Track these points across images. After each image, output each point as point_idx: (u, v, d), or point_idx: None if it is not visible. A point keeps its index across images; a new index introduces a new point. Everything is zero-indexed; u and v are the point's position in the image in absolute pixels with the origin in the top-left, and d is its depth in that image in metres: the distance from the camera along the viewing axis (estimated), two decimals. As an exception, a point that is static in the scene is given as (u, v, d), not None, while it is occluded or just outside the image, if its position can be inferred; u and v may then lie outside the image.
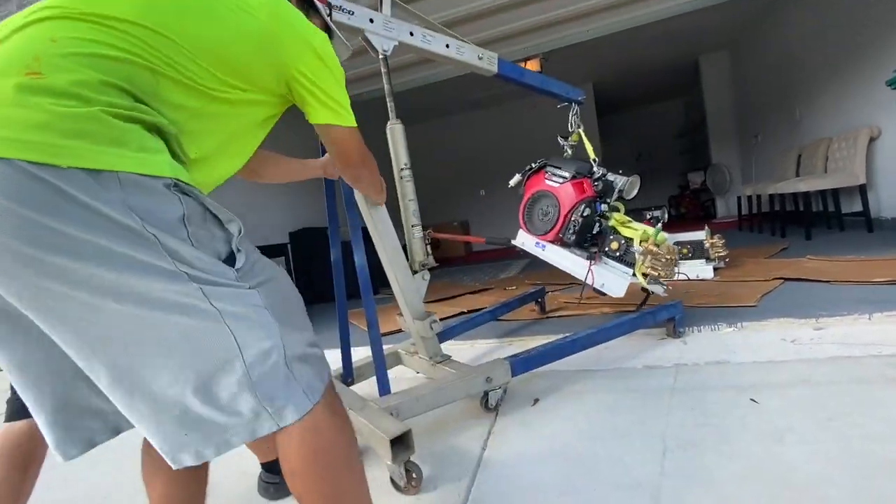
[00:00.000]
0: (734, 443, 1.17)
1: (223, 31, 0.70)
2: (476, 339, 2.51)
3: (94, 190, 0.54)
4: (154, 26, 0.64)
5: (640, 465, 1.16)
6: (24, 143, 0.52)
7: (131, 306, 0.56)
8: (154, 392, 0.58)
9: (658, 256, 1.81)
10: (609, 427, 1.37)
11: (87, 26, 0.61)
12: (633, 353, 1.94)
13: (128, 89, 0.61)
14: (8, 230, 0.51)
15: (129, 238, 0.56)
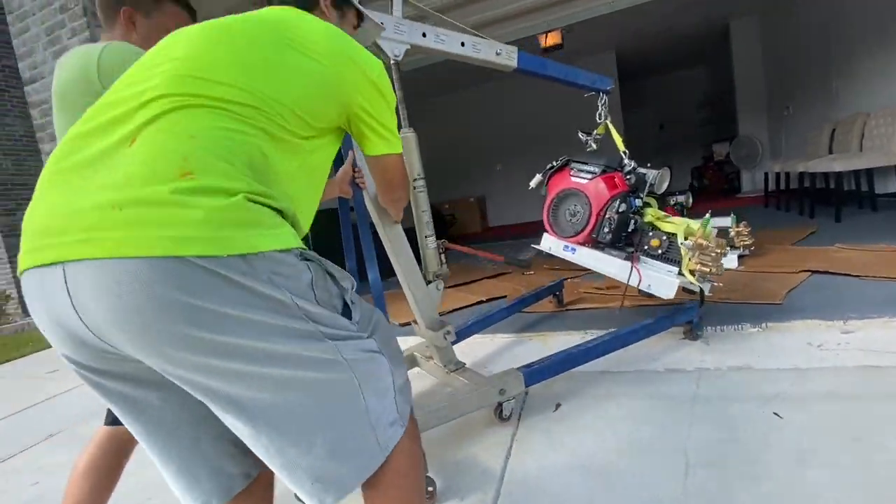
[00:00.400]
0: (757, 463, 1.20)
1: (304, 85, 0.74)
2: (496, 333, 2.54)
3: (249, 271, 0.60)
4: (258, 103, 0.68)
5: (662, 482, 1.19)
6: (190, 240, 0.57)
7: (290, 370, 0.63)
8: (297, 452, 0.65)
9: (708, 251, 1.67)
10: (631, 439, 1.41)
11: (212, 114, 0.65)
12: (654, 353, 1.95)
13: (253, 172, 0.66)
14: (181, 320, 0.57)
15: (280, 310, 0.62)
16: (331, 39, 0.79)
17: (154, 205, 0.57)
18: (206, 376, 0.61)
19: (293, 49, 0.74)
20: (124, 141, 0.62)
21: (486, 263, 4.46)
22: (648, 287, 1.82)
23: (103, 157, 0.62)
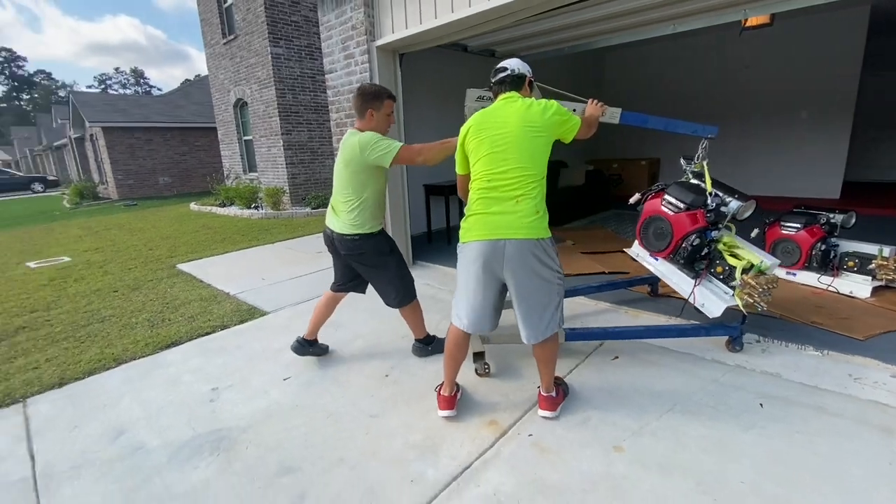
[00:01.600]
0: (711, 420, 1.92)
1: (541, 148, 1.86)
2: (601, 301, 3.33)
3: (549, 246, 1.83)
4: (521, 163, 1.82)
5: (650, 405, 2.02)
6: (529, 227, 1.78)
7: (547, 283, 1.83)
8: (542, 315, 1.85)
9: (754, 289, 2.17)
10: (650, 387, 2.21)
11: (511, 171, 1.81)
12: (714, 346, 2.55)
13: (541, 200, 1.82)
14: (531, 266, 1.79)
15: (555, 262, 1.85)
16: (542, 110, 1.86)
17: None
18: (531, 282, 1.82)
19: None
20: (514, 199, 1.78)
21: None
22: (702, 305, 2.39)
23: (510, 201, 1.78)
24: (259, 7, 8.90)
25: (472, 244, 1.85)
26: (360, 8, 3.90)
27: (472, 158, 1.92)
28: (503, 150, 1.81)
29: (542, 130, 1.83)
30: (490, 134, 1.85)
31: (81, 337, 3.22)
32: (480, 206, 1.85)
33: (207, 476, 1.79)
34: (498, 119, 1.86)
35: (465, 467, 1.76)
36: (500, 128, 1.84)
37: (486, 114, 1.92)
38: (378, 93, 2.33)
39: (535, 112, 1.84)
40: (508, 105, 1.89)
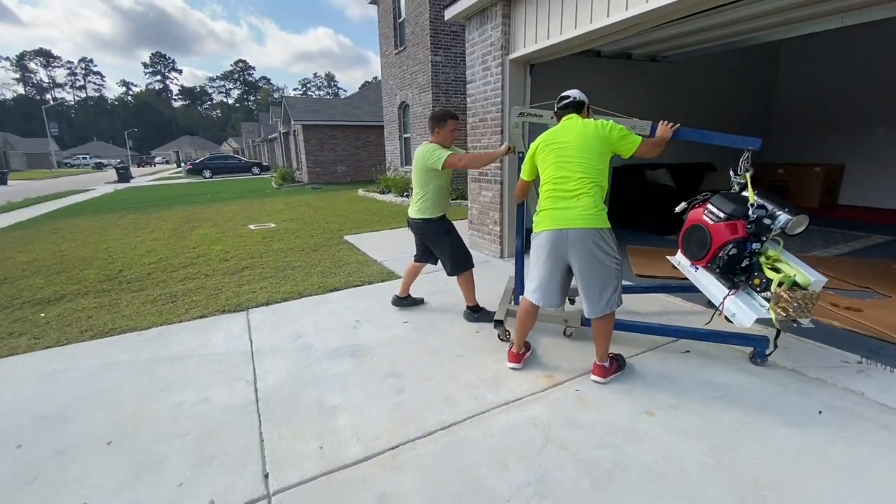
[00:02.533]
0: (680, 405, 2.07)
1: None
2: (674, 300, 3.40)
3: (608, 236, 2.24)
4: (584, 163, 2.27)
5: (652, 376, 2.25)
6: (588, 219, 2.22)
7: (605, 266, 2.24)
8: (601, 293, 2.28)
9: (788, 302, 2.11)
10: (701, 377, 2.40)
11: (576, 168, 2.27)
12: (795, 357, 2.54)
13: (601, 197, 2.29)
14: (590, 250, 2.21)
15: (612, 249, 2.25)
16: (594, 127, 2.29)
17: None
18: (591, 265, 2.23)
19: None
20: (576, 197, 2.24)
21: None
22: (732, 315, 2.36)
23: (572, 199, 2.24)
24: (425, 21, 10.21)
25: (543, 234, 2.32)
26: (499, 27, 4.51)
27: (541, 167, 2.40)
28: (566, 159, 2.27)
29: (595, 140, 2.25)
30: (555, 147, 2.32)
31: (279, 277, 4.60)
32: (548, 203, 2.31)
33: (346, 368, 2.67)
34: (561, 135, 2.35)
35: (517, 398, 2.29)
36: (563, 142, 2.31)
37: (553, 132, 2.39)
38: (442, 115, 3.04)
39: (591, 127, 2.29)
40: (571, 124, 2.36)
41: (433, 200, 3.16)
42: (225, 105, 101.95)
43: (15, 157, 49.37)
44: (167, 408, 2.33)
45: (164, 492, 1.74)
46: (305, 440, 2.02)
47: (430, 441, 1.99)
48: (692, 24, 4.34)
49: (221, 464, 1.89)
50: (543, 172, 2.38)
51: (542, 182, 2.39)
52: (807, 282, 2.17)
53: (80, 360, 2.90)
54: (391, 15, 12.39)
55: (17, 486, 1.80)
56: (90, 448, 2.02)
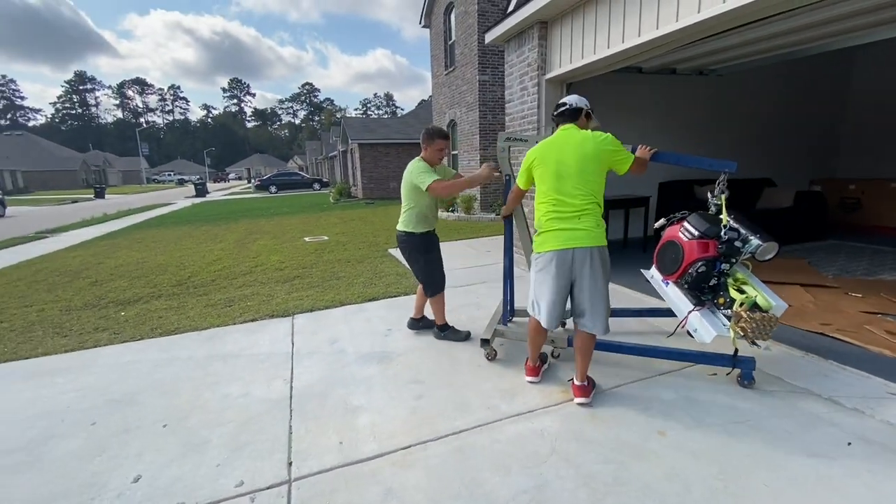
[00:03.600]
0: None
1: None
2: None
3: (606, 254, 2.32)
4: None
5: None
6: (593, 238, 2.27)
7: (606, 283, 2.32)
8: (605, 309, 2.33)
9: (748, 322, 2.17)
10: (725, 402, 2.33)
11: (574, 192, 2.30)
12: (830, 385, 2.40)
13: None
14: (596, 266, 2.26)
15: (608, 264, 2.34)
16: (586, 139, 2.29)
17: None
18: (590, 280, 2.26)
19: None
20: (577, 216, 2.27)
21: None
22: (694, 331, 2.39)
23: (574, 219, 2.26)
24: (473, 42, 10.53)
25: (549, 253, 2.33)
26: (536, 48, 4.64)
27: (538, 182, 2.42)
28: (565, 178, 2.29)
29: (593, 161, 2.27)
30: (553, 163, 2.33)
31: (325, 286, 4.93)
32: (551, 224, 2.33)
33: (373, 373, 2.86)
34: (558, 152, 2.33)
35: (529, 410, 2.35)
36: (561, 159, 2.31)
37: (549, 144, 2.38)
38: (431, 134, 3.07)
39: (589, 145, 2.28)
40: (568, 137, 2.34)
41: (418, 216, 3.13)
42: (292, 125, 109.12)
43: (112, 173, 55.76)
44: (215, 399, 2.62)
45: (204, 470, 1.99)
46: (328, 435, 2.21)
47: (440, 444, 2.10)
48: (741, 36, 4.21)
49: (253, 450, 2.12)
50: (540, 187, 2.41)
51: (540, 198, 2.41)
52: (768, 305, 2.23)
53: (148, 354, 3.32)
54: (442, 38, 12.88)
55: (90, 457, 2.13)
56: (149, 429, 2.34)
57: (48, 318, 4.27)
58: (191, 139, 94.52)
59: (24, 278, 6.01)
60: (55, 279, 5.87)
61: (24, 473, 2.03)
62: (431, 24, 13.80)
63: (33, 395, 2.76)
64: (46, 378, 2.99)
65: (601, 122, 2.75)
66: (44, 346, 3.55)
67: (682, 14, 3.13)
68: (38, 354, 3.41)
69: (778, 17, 3.10)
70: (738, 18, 2.97)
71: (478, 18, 10.27)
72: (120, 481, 1.95)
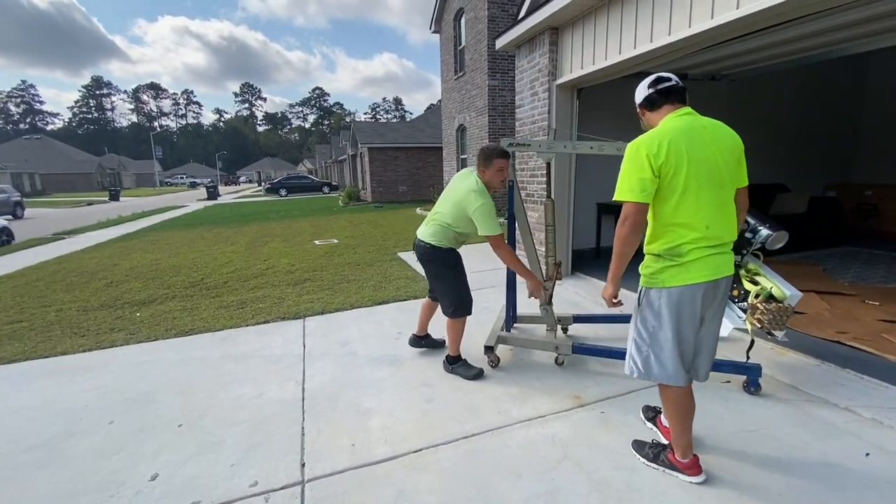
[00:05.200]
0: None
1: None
2: None
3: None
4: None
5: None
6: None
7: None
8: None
9: (764, 313, 2.14)
10: (738, 409, 2.31)
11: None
12: (852, 394, 2.37)
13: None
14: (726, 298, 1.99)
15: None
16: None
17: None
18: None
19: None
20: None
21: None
22: None
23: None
24: (483, 48, 10.58)
25: (698, 286, 1.63)
26: (546, 54, 4.66)
27: (674, 192, 1.60)
28: (720, 184, 1.64)
29: (735, 158, 1.71)
30: (702, 164, 1.60)
31: (335, 289, 4.97)
32: (700, 252, 1.63)
33: (384, 375, 2.88)
34: (700, 144, 1.61)
35: (540, 415, 2.35)
36: (707, 157, 1.61)
37: (683, 133, 1.61)
38: (488, 154, 2.66)
39: (729, 136, 1.70)
40: (700, 125, 1.66)
41: (453, 237, 2.76)
42: (302, 129, 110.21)
43: (126, 176, 56.74)
44: (229, 399, 2.66)
45: (219, 469, 2.02)
46: (340, 437, 2.23)
47: (452, 447, 2.11)
48: (755, 41, 4.18)
49: (267, 451, 2.15)
50: (688, 199, 1.60)
51: (685, 215, 1.61)
52: (782, 295, 2.20)
53: (163, 354, 3.38)
54: (452, 43, 12.96)
55: (108, 455, 2.17)
56: (165, 428, 2.38)
57: (66, 317, 4.35)
58: (203, 143, 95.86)
59: (42, 279, 6.13)
60: (72, 280, 5.99)
61: (46, 469, 2.08)
62: (441, 29, 13.90)
63: (53, 393, 2.82)
64: (65, 376, 3.06)
65: (610, 129, 2.75)
66: (62, 346, 3.62)
67: (695, 20, 3.13)
68: (57, 353, 3.48)
69: (792, 22, 3.09)
70: (751, 24, 2.97)
71: (488, 24, 10.33)
72: (137, 479, 1.98)
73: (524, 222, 3.14)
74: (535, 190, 5.15)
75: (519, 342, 3.07)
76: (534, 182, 5.19)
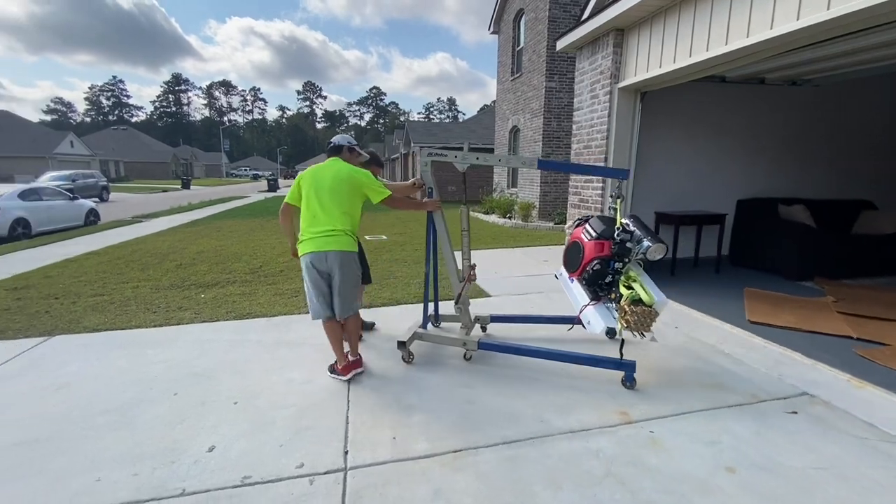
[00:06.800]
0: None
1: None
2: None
3: (351, 255, 2.81)
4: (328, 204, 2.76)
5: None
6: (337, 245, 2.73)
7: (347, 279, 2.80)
8: (348, 301, 2.77)
9: (631, 314, 2.42)
10: (805, 443, 2.13)
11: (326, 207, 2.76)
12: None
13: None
14: (343, 267, 2.72)
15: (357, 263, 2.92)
16: (348, 172, 2.79)
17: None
18: (338, 280, 2.74)
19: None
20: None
21: None
22: (588, 323, 2.67)
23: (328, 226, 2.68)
24: (542, 49, 10.42)
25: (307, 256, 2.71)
26: (610, 56, 4.52)
27: (303, 198, 2.75)
28: (321, 196, 2.68)
29: (343, 183, 2.71)
30: (314, 184, 2.71)
31: (382, 285, 5.09)
32: (309, 233, 2.69)
33: (427, 374, 2.92)
34: (321, 175, 2.75)
35: (584, 429, 2.29)
36: (321, 181, 2.71)
37: (316, 169, 2.77)
38: (376, 160, 3.38)
39: (343, 171, 2.75)
40: (331, 165, 2.80)
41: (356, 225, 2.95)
42: (358, 127, 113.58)
43: (197, 166, 61.04)
44: (281, 382, 2.80)
45: (269, 448, 2.13)
46: (382, 429, 2.29)
47: (491, 451, 2.10)
48: (845, 44, 3.84)
49: (314, 435, 2.24)
50: (303, 202, 2.81)
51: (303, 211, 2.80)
52: (650, 300, 2.43)
53: (223, 335, 3.61)
54: (510, 44, 12.87)
55: (172, 424, 2.35)
56: (223, 404, 2.54)
57: (141, 294, 4.75)
58: (266, 137, 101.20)
59: (122, 257, 6.74)
60: (147, 260, 6.53)
61: (118, 431, 2.29)
62: (500, 30, 13.83)
63: (127, 364, 3.09)
64: (138, 349, 3.34)
65: (676, 135, 2.76)
66: (136, 320, 3.96)
67: (777, 21, 2.92)
68: (132, 326, 3.81)
69: (890, 24, 2.80)
70: (844, 27, 2.72)
71: (548, 25, 10.16)
72: (197, 449, 2.13)
73: (443, 229, 3.34)
74: (590, 196, 5.00)
75: (431, 338, 3.20)
76: (588, 188, 5.04)
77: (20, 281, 5.35)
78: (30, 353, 3.27)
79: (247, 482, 1.91)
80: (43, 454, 2.11)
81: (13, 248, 7.70)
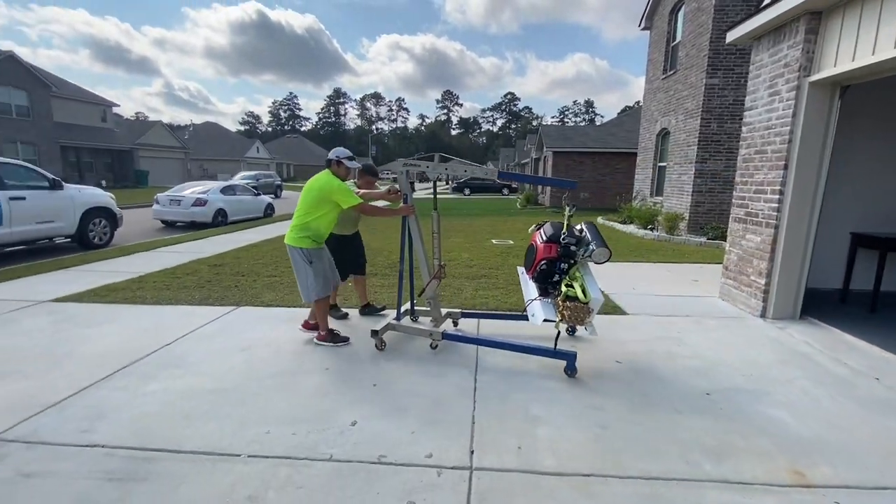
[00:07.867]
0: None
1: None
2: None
3: (313, 252, 3.33)
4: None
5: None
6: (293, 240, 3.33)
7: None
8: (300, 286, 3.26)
9: (565, 309, 2.76)
10: None
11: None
12: None
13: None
14: (290, 256, 3.35)
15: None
16: (323, 182, 3.29)
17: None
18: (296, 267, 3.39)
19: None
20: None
21: None
22: (532, 315, 2.94)
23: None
24: (704, 41, 9.29)
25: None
26: (800, 45, 3.79)
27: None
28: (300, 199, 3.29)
29: (314, 191, 3.27)
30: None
31: (508, 289, 5.07)
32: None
33: (553, 386, 2.81)
34: (308, 184, 3.35)
35: (741, 482, 1.94)
36: (305, 188, 3.30)
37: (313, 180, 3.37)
38: (371, 170, 4.23)
39: (320, 181, 3.30)
40: (319, 176, 3.37)
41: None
42: (490, 132, 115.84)
43: (348, 170, 69.02)
44: (416, 373, 2.98)
45: (402, 433, 2.28)
46: (507, 436, 2.26)
47: (625, 484, 1.92)
48: None
49: (442, 429, 2.32)
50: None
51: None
52: (585, 298, 2.71)
53: (367, 322, 3.98)
54: (664, 39, 11.74)
55: (322, 394, 2.67)
56: (365, 384, 2.81)
57: (302, 278, 5.53)
58: (407, 144, 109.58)
59: (289, 245, 7.93)
60: (307, 249, 7.58)
61: (281, 393, 2.68)
62: (653, 25, 12.72)
63: (291, 336, 3.61)
64: (299, 325, 3.88)
65: (881, 139, 2.11)
66: (301, 300, 4.60)
67: None
68: (297, 306, 4.44)
69: None
70: None
71: (713, 15, 9.00)
72: (342, 421, 2.38)
73: (416, 233, 3.61)
74: (761, 209, 4.27)
75: (402, 329, 3.51)
76: (759, 200, 4.31)
77: (218, 259, 6.66)
78: (222, 319, 4.04)
79: (382, 461, 2.06)
80: (230, 402, 2.58)
81: (215, 233, 9.65)
